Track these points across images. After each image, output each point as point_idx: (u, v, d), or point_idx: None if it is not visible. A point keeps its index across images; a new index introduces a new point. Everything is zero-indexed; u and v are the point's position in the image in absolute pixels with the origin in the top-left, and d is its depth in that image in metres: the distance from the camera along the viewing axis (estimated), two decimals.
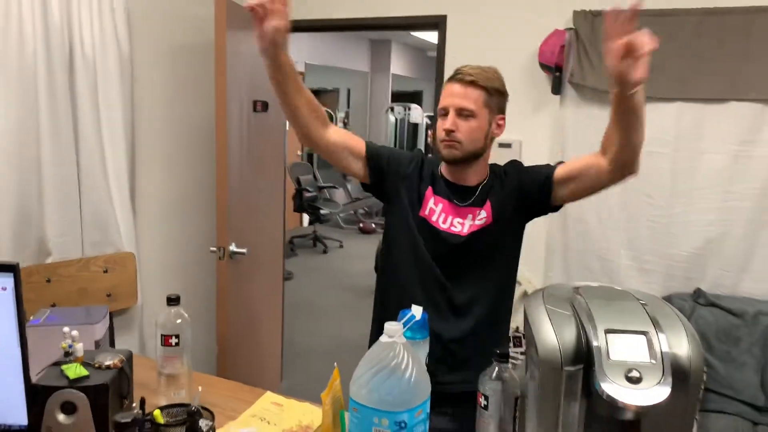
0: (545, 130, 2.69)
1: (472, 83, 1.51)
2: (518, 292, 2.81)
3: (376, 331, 1.68)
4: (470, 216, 1.58)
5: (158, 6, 2.66)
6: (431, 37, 6.79)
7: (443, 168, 1.63)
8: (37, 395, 1.07)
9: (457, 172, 1.60)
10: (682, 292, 2.55)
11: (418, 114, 9.59)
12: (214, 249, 2.57)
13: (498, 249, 1.60)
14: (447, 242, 1.57)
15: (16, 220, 2.12)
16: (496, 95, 1.54)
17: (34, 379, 1.11)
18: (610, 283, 1.10)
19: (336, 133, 1.61)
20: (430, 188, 1.62)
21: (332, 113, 9.60)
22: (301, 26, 3.11)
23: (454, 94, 1.52)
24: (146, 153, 2.67)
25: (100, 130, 2.36)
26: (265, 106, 2.90)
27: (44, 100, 2.14)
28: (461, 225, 1.58)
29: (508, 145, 2.79)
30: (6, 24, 1.98)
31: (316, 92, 9.93)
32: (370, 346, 1.52)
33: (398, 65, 9.95)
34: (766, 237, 2.44)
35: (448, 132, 1.52)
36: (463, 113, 1.51)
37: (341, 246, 7.53)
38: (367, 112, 9.83)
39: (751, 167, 2.41)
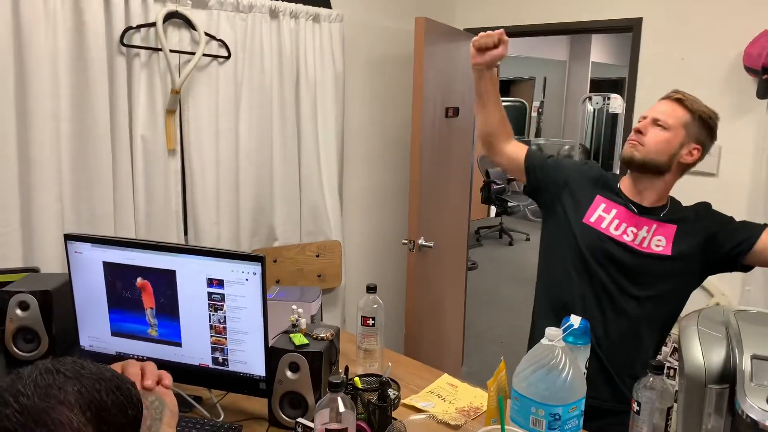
0: (748, 136, 2.53)
1: (679, 101, 1.54)
2: (710, 303, 2.70)
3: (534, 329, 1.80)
4: (645, 228, 1.58)
5: (366, 25, 3.00)
6: None
7: (622, 183, 1.66)
8: (272, 355, 1.42)
9: (634, 186, 1.61)
10: None
11: (618, 104, 9.06)
12: (406, 241, 2.87)
13: (666, 281, 1.58)
14: (614, 250, 1.58)
15: (254, 210, 2.62)
16: (698, 122, 1.53)
17: (270, 342, 1.47)
18: None
19: (515, 147, 1.78)
20: (599, 196, 1.65)
21: (525, 103, 9.52)
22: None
23: (659, 108, 1.56)
24: (352, 154, 3.05)
25: (317, 136, 2.78)
26: (456, 111, 3.12)
27: (276, 111, 2.61)
28: (633, 235, 1.58)
29: None
30: (251, 56, 2.47)
31: (512, 81, 9.76)
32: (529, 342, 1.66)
33: (599, 52, 9.49)
34: None
35: (636, 131, 1.56)
36: (657, 123, 1.54)
37: (528, 239, 7.50)
38: (563, 102, 9.57)
39: None
